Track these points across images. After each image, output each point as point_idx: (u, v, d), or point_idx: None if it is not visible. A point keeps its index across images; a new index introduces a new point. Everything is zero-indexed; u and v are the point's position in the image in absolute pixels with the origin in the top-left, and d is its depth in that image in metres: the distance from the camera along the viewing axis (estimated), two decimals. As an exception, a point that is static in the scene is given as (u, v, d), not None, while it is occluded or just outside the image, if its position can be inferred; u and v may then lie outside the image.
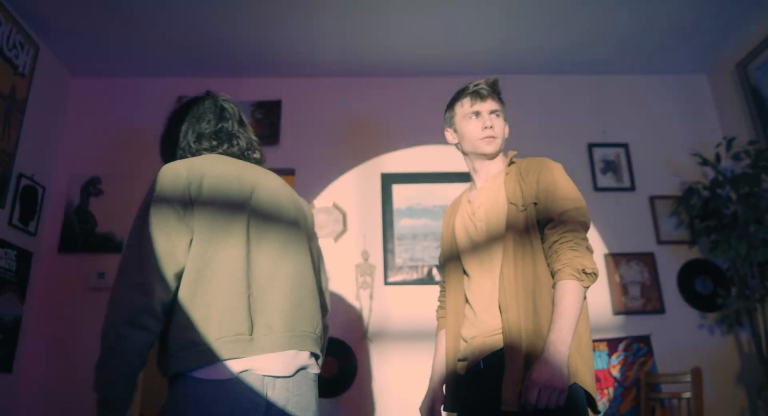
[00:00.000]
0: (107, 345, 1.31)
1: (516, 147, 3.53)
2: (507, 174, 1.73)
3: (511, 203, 1.65)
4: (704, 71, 3.83)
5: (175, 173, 1.43)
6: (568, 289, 1.46)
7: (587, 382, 1.47)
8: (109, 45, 3.36)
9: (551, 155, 3.62)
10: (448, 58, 3.60)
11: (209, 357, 1.29)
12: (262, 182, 1.57)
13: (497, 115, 1.80)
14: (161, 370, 1.42)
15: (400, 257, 3.39)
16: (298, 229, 1.59)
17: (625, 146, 3.65)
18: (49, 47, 3.33)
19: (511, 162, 1.78)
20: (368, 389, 3.11)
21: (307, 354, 1.44)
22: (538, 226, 1.60)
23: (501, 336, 1.55)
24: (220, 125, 1.64)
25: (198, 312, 1.33)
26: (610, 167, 3.61)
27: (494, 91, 1.83)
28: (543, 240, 1.58)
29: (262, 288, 1.40)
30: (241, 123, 1.71)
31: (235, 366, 1.30)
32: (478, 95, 1.81)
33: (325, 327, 1.70)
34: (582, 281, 1.47)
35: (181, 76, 3.67)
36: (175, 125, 1.67)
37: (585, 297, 1.53)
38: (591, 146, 3.65)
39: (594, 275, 1.49)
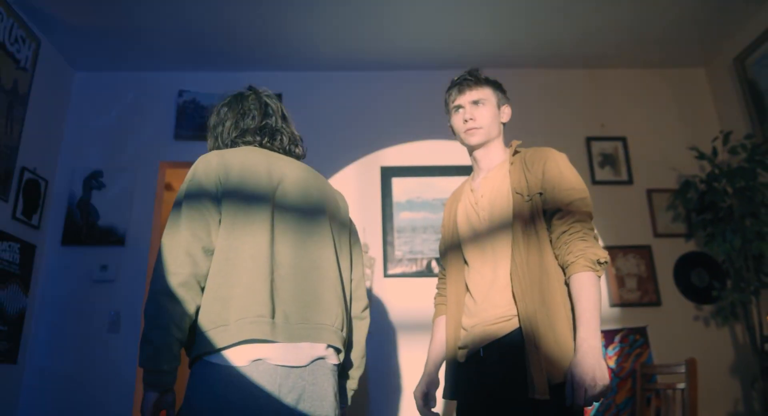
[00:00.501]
0: (149, 319, 1.35)
1: (514, 140, 3.58)
2: (512, 164, 1.73)
3: (516, 192, 1.65)
4: (702, 65, 3.85)
5: (208, 162, 1.50)
6: (586, 281, 1.46)
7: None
8: (110, 39, 3.37)
9: (550, 147, 3.66)
10: (448, 52, 3.62)
11: (229, 337, 1.33)
12: (291, 174, 1.59)
13: (481, 104, 1.79)
14: (186, 351, 1.45)
15: (399, 250, 3.42)
16: (324, 221, 1.59)
17: (623, 139, 3.68)
18: (51, 41, 3.34)
19: (516, 152, 1.77)
20: (369, 380, 3.16)
21: (323, 345, 1.45)
22: (544, 216, 1.60)
23: (502, 324, 1.56)
24: (264, 121, 1.68)
25: (221, 293, 1.37)
26: (608, 160, 3.64)
27: (477, 80, 1.82)
28: (549, 230, 1.59)
29: (282, 277, 1.43)
30: (284, 118, 1.74)
31: (249, 353, 1.33)
32: (458, 88, 1.82)
33: (350, 321, 1.65)
34: (597, 271, 1.48)
35: (182, 70, 3.70)
36: (221, 120, 1.70)
37: None
38: (589, 140, 3.68)
39: (606, 264, 1.50)
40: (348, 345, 1.64)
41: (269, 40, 3.45)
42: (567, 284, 1.54)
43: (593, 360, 1.38)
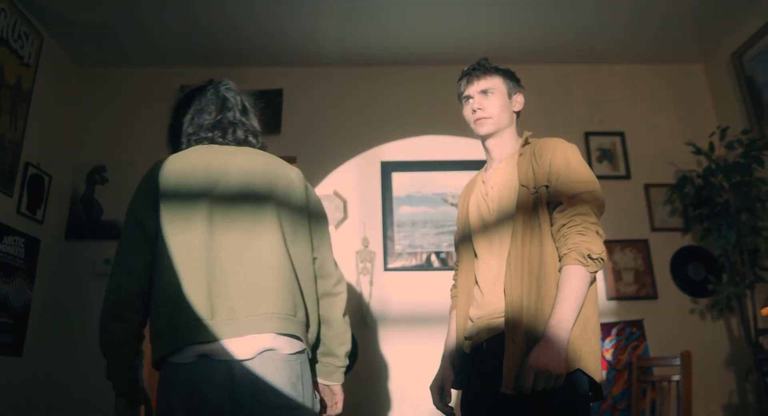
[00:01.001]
0: (100, 336, 1.49)
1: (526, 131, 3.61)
2: (521, 155, 1.70)
3: (522, 185, 1.63)
4: (700, 61, 3.88)
5: (152, 170, 1.55)
6: (572, 274, 1.45)
7: (591, 368, 1.47)
8: (112, 35, 3.40)
9: (548, 144, 3.67)
10: (448, 48, 3.64)
11: (174, 342, 1.38)
12: (235, 167, 1.56)
13: (490, 93, 1.78)
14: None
15: (399, 244, 3.46)
16: (269, 208, 1.54)
17: (621, 134, 3.71)
18: (53, 37, 3.37)
19: (527, 143, 1.75)
20: (368, 371, 3.21)
21: (271, 335, 1.40)
22: (548, 208, 1.58)
23: (503, 318, 1.56)
24: (220, 116, 1.65)
25: (160, 300, 1.42)
26: (606, 155, 3.68)
27: (486, 69, 1.81)
28: (552, 223, 1.56)
29: (227, 272, 1.42)
30: (244, 111, 1.70)
31: (195, 350, 1.36)
32: (467, 78, 1.82)
33: (315, 301, 1.62)
34: (587, 266, 1.45)
35: (184, 65, 3.72)
36: (179, 116, 1.72)
37: (594, 280, 1.52)
38: (587, 135, 3.71)
39: (601, 260, 1.47)
40: (322, 323, 1.62)
41: (270, 36, 3.47)
42: None
43: (552, 348, 1.38)
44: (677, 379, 2.70)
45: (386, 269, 3.40)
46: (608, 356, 3.26)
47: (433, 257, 3.43)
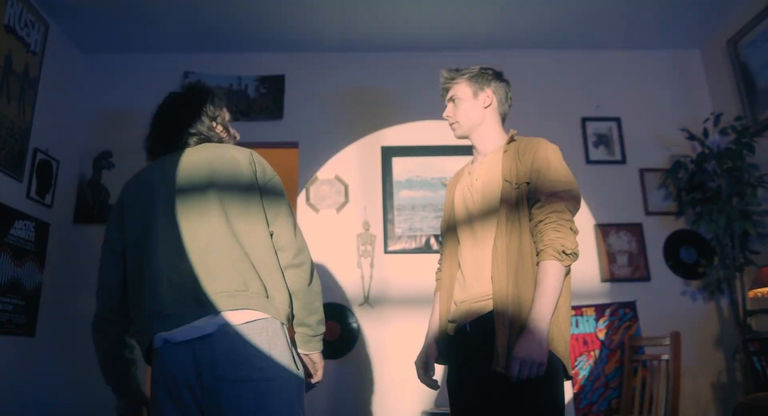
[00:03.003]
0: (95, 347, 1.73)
1: (511, 121, 3.66)
2: (505, 152, 1.82)
3: (506, 180, 1.74)
4: (697, 47, 3.92)
5: (115, 200, 1.80)
6: (549, 269, 1.58)
7: (560, 351, 1.62)
8: (116, 21, 3.44)
9: (546, 128, 3.76)
10: (447, 34, 3.69)
11: (146, 337, 1.53)
12: (175, 169, 1.66)
13: (455, 100, 1.93)
14: None
15: (399, 227, 3.55)
16: (209, 195, 1.60)
17: (617, 120, 3.77)
18: (58, 25, 3.42)
19: (512, 140, 1.87)
20: (369, 350, 3.32)
21: (224, 313, 1.46)
22: (527, 204, 1.70)
23: (486, 302, 1.69)
24: (160, 130, 1.79)
25: (133, 305, 1.60)
26: (602, 140, 3.74)
27: (449, 79, 1.96)
28: (530, 218, 1.68)
29: (181, 265, 1.53)
30: (184, 110, 1.79)
31: (161, 337, 1.49)
32: (441, 90, 2.00)
33: (276, 275, 1.60)
34: (562, 261, 1.58)
35: (187, 52, 3.77)
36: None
37: (569, 272, 1.66)
38: (584, 120, 3.77)
39: (574, 255, 1.60)
40: (291, 295, 1.63)
41: (272, 22, 3.51)
42: None
43: (534, 340, 1.52)
44: (667, 358, 2.81)
45: (386, 251, 3.49)
46: (601, 336, 3.36)
47: (432, 240, 3.52)
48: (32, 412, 3.09)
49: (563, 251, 1.58)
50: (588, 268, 3.49)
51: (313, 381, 1.72)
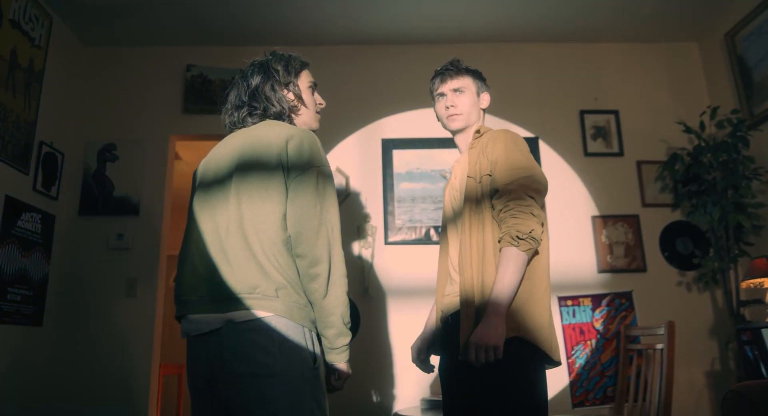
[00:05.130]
0: None
1: (510, 113, 3.73)
2: (472, 148, 1.86)
3: (469, 176, 1.78)
4: (695, 40, 3.95)
5: None
6: (506, 255, 1.58)
7: (533, 335, 1.60)
8: (119, 15, 3.48)
9: (544, 121, 3.80)
10: (447, 27, 3.73)
11: (177, 312, 1.60)
12: (219, 151, 1.66)
13: (461, 91, 1.92)
14: None
15: (399, 219, 3.60)
16: (227, 183, 1.55)
17: (615, 112, 3.81)
18: (62, 19, 3.45)
19: (479, 135, 1.87)
20: (369, 339, 3.38)
21: (232, 311, 1.45)
22: (489, 195, 1.72)
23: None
24: (236, 103, 1.71)
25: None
26: (600, 133, 3.78)
27: (458, 69, 1.95)
28: (493, 208, 1.70)
29: (201, 253, 1.53)
30: (248, 88, 1.70)
31: (182, 328, 1.55)
32: (440, 77, 1.96)
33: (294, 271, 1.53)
34: (519, 245, 1.57)
35: (189, 45, 3.81)
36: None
37: (537, 253, 1.66)
38: (583, 113, 3.81)
39: (532, 239, 1.57)
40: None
41: (272, 15, 3.54)
42: None
43: (489, 324, 1.53)
44: (661, 347, 2.87)
45: (387, 243, 3.55)
46: (598, 326, 3.43)
47: (432, 232, 3.57)
48: (39, 399, 3.16)
49: (518, 236, 1.57)
50: (585, 259, 3.55)
51: (334, 384, 1.61)
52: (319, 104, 1.83)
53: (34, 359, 3.15)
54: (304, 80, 1.79)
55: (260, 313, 1.43)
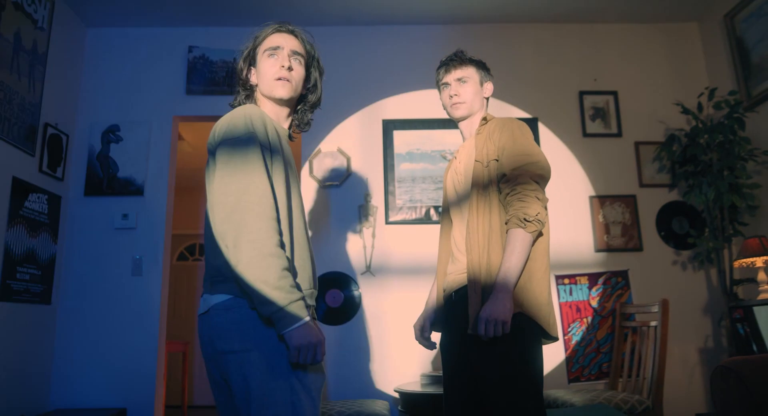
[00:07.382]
0: None
1: (510, 94, 3.76)
2: (478, 133, 1.96)
3: (477, 161, 1.88)
4: (695, 20, 3.96)
5: None
6: (513, 237, 1.70)
7: (534, 312, 1.72)
8: (121, -4, 3.49)
9: (543, 101, 3.83)
10: (446, 7, 3.73)
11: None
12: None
13: (465, 81, 2.00)
14: None
15: (400, 199, 3.65)
16: (212, 170, 1.55)
17: (614, 93, 3.84)
18: (64, 0, 3.46)
19: (485, 122, 1.99)
20: (371, 317, 3.46)
21: (210, 294, 1.53)
22: (497, 179, 1.82)
23: (466, 273, 1.84)
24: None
25: None
26: (599, 113, 3.82)
27: (462, 60, 2.03)
28: (500, 192, 1.81)
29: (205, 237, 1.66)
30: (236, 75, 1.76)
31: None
32: (445, 68, 2.05)
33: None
34: (525, 227, 1.69)
35: (190, 26, 3.82)
36: None
37: (541, 236, 1.78)
38: (582, 94, 3.83)
39: (538, 221, 1.70)
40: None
41: (274, -4, 3.56)
42: None
43: (497, 301, 1.64)
44: (655, 325, 2.95)
45: (387, 222, 3.61)
46: (594, 303, 3.50)
47: (432, 211, 3.63)
48: (48, 376, 3.25)
49: (525, 219, 1.69)
50: (582, 238, 3.61)
51: (290, 358, 1.42)
52: (282, 66, 1.64)
53: (45, 335, 3.24)
54: (264, 47, 1.68)
55: (225, 295, 1.49)
